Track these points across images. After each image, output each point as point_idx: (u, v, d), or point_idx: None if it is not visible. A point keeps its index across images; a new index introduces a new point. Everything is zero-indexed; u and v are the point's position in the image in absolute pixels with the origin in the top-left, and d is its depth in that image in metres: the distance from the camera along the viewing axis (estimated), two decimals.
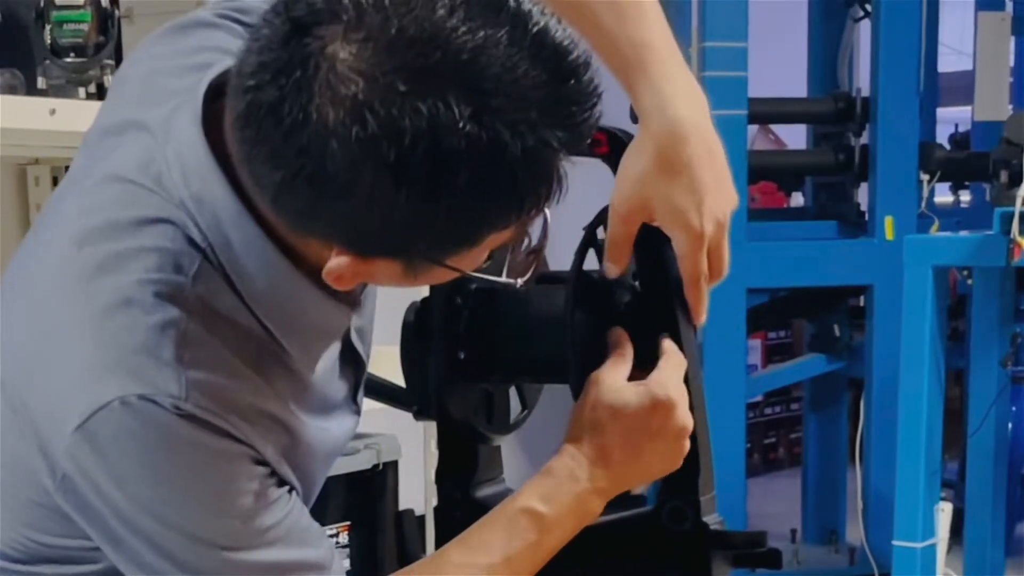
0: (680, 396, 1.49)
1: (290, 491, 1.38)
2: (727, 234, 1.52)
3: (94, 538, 1.36)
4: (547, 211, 1.32)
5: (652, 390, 1.48)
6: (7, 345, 1.36)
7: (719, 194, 1.49)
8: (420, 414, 1.68)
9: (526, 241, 1.40)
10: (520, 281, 1.39)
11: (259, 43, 1.20)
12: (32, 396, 1.32)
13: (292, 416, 1.39)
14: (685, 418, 1.49)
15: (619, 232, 1.51)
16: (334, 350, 1.48)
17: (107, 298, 1.28)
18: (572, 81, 1.21)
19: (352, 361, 1.54)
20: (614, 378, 1.50)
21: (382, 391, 1.75)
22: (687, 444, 1.50)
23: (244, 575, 1.33)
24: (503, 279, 1.38)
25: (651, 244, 1.53)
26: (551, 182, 1.24)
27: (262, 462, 1.33)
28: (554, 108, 1.20)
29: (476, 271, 1.33)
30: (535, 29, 1.20)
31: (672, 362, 1.51)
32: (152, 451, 1.27)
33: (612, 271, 1.53)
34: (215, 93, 1.33)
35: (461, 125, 1.15)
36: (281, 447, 1.37)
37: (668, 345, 1.52)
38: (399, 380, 1.70)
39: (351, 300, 1.43)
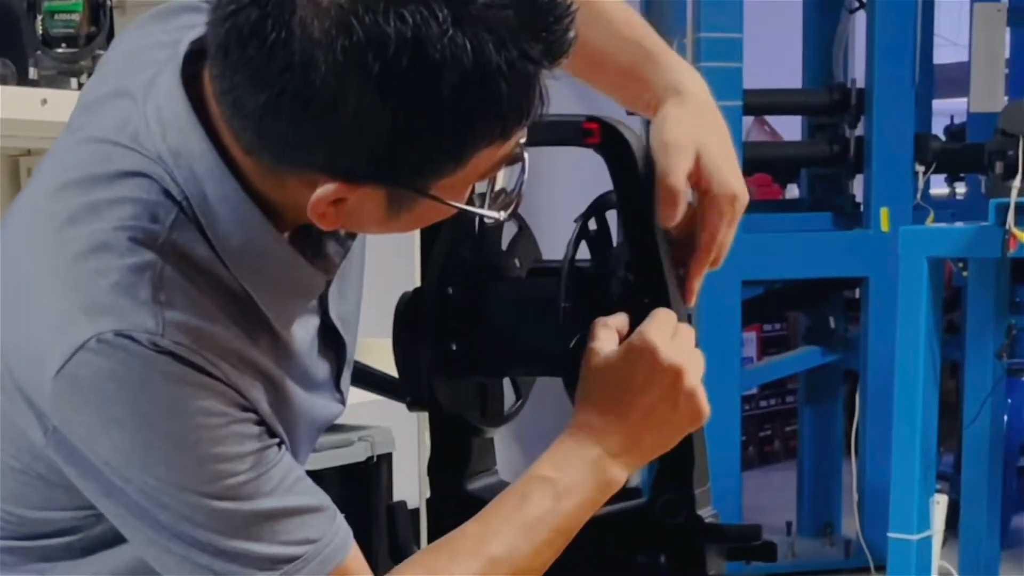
0: (663, 341, 1.47)
1: (280, 444, 1.37)
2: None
3: (87, 492, 1.34)
4: (526, 156, 1.34)
5: (630, 341, 1.49)
6: None
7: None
8: (413, 405, 1.67)
9: (508, 179, 1.39)
10: (503, 214, 1.38)
11: None
12: (11, 351, 1.32)
13: (277, 373, 1.38)
14: (674, 358, 1.47)
15: (676, 177, 1.52)
16: (311, 322, 1.47)
17: (80, 245, 1.28)
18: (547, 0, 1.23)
19: (334, 345, 1.52)
20: (599, 345, 1.50)
21: (376, 381, 1.74)
22: (689, 386, 1.48)
23: (240, 524, 1.31)
24: (485, 211, 1.37)
25: (641, 234, 1.52)
26: (532, 96, 1.25)
27: (249, 408, 1.33)
28: (531, 20, 1.21)
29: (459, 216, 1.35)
30: None
31: (657, 316, 1.50)
32: (132, 390, 1.26)
33: (670, 219, 1.52)
34: (197, 56, 1.33)
35: (445, 30, 1.17)
36: (268, 401, 1.36)
37: (657, 310, 1.51)
38: (392, 372, 1.69)
39: (325, 266, 1.43)
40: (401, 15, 1.16)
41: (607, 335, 1.50)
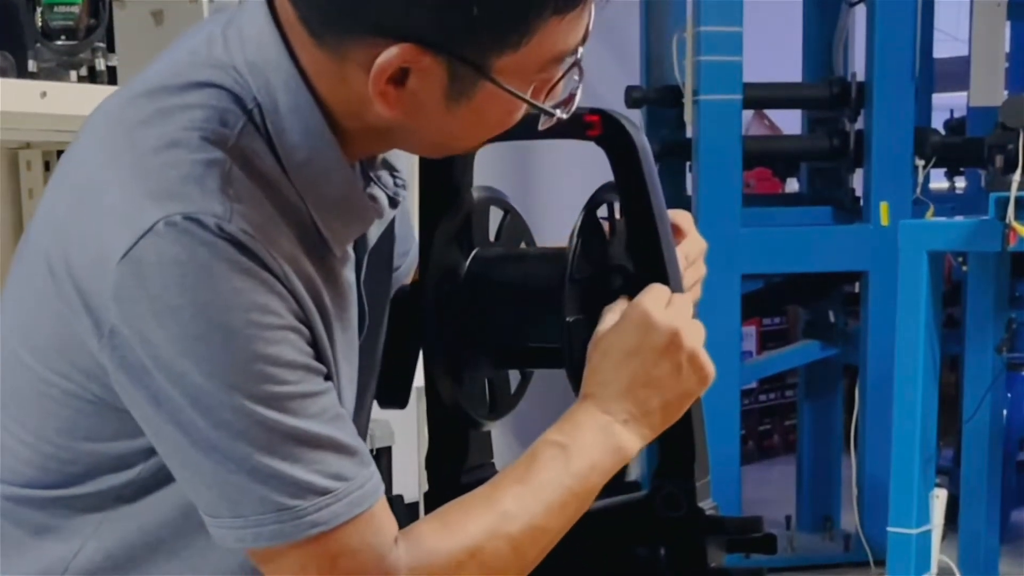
0: (656, 307, 1.50)
1: (327, 377, 1.37)
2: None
3: (134, 408, 1.34)
4: (581, 60, 1.36)
5: (626, 311, 1.51)
6: (49, 214, 1.37)
7: None
8: (385, 402, 1.67)
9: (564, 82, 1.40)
10: (560, 111, 1.40)
11: None
12: (75, 250, 1.32)
13: (328, 303, 1.39)
14: (669, 321, 1.50)
15: None
16: (351, 276, 1.47)
17: (151, 142, 1.30)
18: None
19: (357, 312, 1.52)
20: (602, 327, 1.53)
21: None
22: (688, 347, 1.51)
23: (279, 439, 1.31)
24: (544, 105, 1.38)
25: (642, 225, 1.53)
26: None
27: (304, 322, 1.33)
28: None
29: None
30: None
31: (651, 288, 1.53)
32: (194, 276, 1.26)
33: None
34: None
35: None
36: (321, 326, 1.36)
37: (651, 285, 1.53)
38: None
39: (378, 203, 1.46)
40: None
41: (612, 319, 1.52)
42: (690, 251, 1.62)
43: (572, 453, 1.48)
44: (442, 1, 1.25)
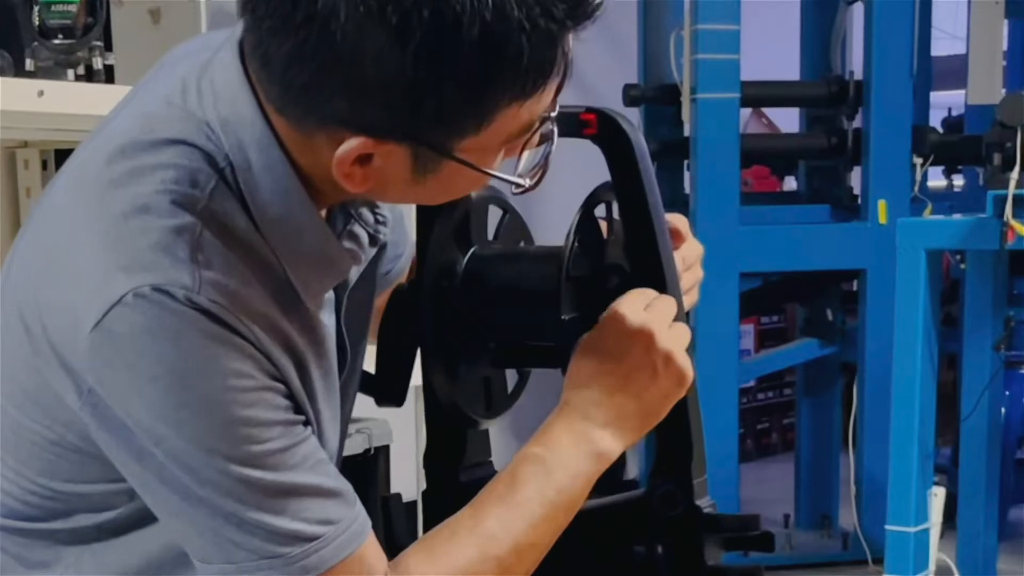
0: (632, 309, 1.49)
1: (306, 424, 1.38)
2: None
3: (117, 461, 1.36)
4: (555, 127, 1.35)
5: (603, 316, 1.51)
6: (23, 269, 1.37)
7: None
8: (383, 400, 1.67)
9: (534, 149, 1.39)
10: (528, 181, 1.39)
11: None
12: (49, 312, 1.33)
13: (306, 355, 1.39)
14: (642, 323, 1.49)
15: None
16: (331, 319, 1.48)
17: (121, 206, 1.30)
18: None
19: (339, 351, 1.53)
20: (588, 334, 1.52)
21: None
22: (663, 348, 1.49)
23: (264, 495, 1.32)
24: (510, 177, 1.38)
25: (639, 224, 1.52)
26: (554, 56, 1.26)
27: (279, 379, 1.34)
28: None
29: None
30: None
31: (630, 293, 1.52)
32: (167, 346, 1.27)
33: None
34: None
35: None
36: (297, 378, 1.37)
37: (632, 290, 1.52)
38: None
39: (352, 254, 1.45)
40: None
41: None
42: (687, 255, 1.62)
43: (552, 465, 1.48)
44: (396, 97, 1.23)
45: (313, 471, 1.36)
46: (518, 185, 1.39)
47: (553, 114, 1.35)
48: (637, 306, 1.50)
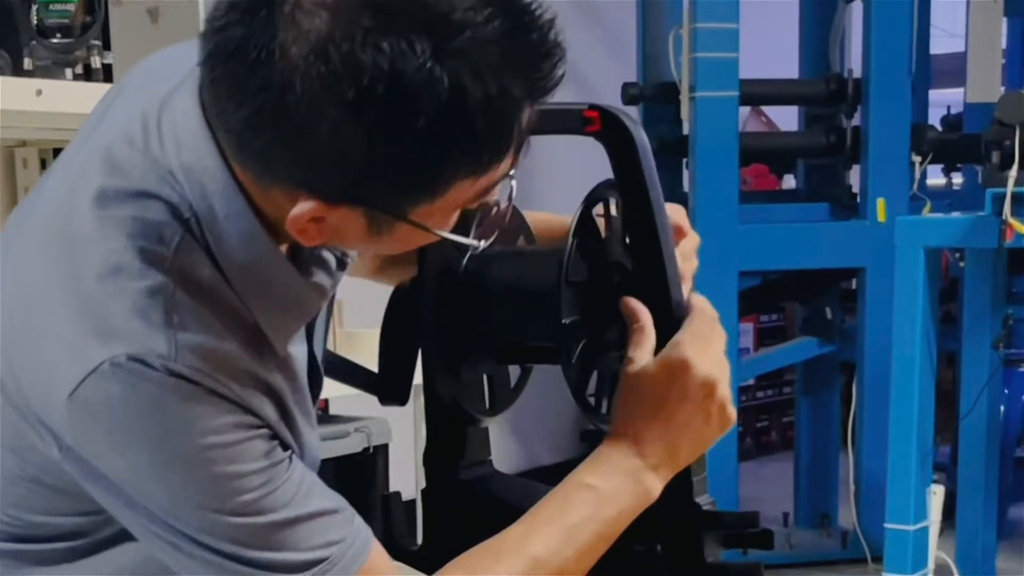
0: (697, 354, 1.49)
1: (292, 456, 1.38)
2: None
3: (107, 505, 1.36)
4: (513, 180, 1.32)
5: (667, 353, 1.50)
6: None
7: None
8: (387, 399, 1.67)
9: (492, 207, 1.38)
10: (483, 243, 1.38)
11: None
12: (23, 371, 1.32)
13: (283, 390, 1.39)
14: (709, 373, 1.49)
15: None
16: (302, 349, 1.48)
17: (95, 268, 1.29)
18: (536, 36, 1.22)
19: (312, 377, 1.53)
20: (637, 355, 1.52)
21: (349, 374, 1.74)
22: (721, 397, 1.51)
23: (262, 536, 1.33)
24: (465, 240, 1.37)
25: (642, 221, 1.52)
26: (511, 133, 1.24)
27: (261, 424, 1.33)
28: (517, 58, 1.21)
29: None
30: None
31: (693, 326, 1.52)
32: (145, 412, 1.27)
33: None
34: None
35: (422, 63, 1.16)
36: (278, 415, 1.37)
37: (697, 301, 1.53)
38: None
39: (319, 289, 1.44)
40: (378, 46, 1.15)
41: (644, 343, 1.52)
42: (685, 247, 1.62)
43: (604, 497, 1.50)
44: (350, 169, 1.22)
45: (307, 499, 1.37)
46: (472, 247, 1.38)
47: (512, 173, 1.33)
48: (700, 348, 1.50)
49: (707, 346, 1.51)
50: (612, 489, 1.50)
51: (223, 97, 1.23)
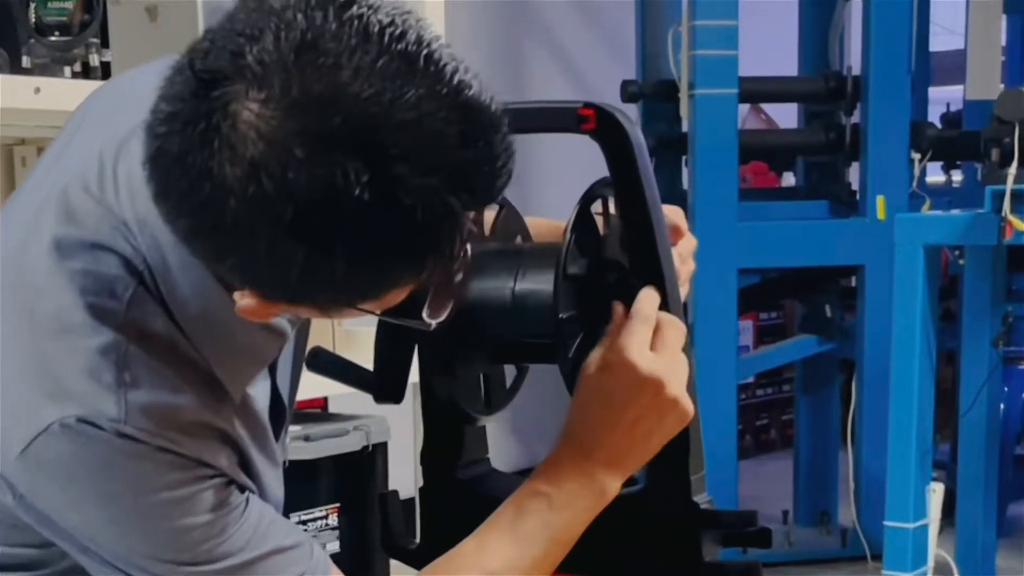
0: (640, 354, 1.46)
1: (248, 499, 1.38)
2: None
3: (63, 547, 1.36)
4: (468, 247, 1.28)
5: (607, 356, 1.48)
6: None
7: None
8: (381, 397, 1.66)
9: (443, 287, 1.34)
10: (434, 322, 1.34)
11: (172, 89, 1.17)
12: None
13: (241, 437, 1.39)
14: (654, 371, 1.46)
15: None
16: (264, 386, 1.48)
17: (48, 323, 1.30)
18: (482, 143, 1.18)
19: (276, 412, 1.53)
20: (594, 356, 1.49)
21: (343, 372, 1.73)
22: (671, 396, 1.47)
23: None
24: (416, 323, 1.34)
25: (638, 220, 1.52)
26: (454, 241, 1.21)
27: (214, 474, 1.33)
28: (461, 171, 1.17)
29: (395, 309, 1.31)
30: (448, 88, 1.16)
31: (633, 325, 1.48)
32: (96, 473, 1.28)
33: None
34: None
35: (358, 193, 1.12)
36: (235, 462, 1.38)
37: (638, 302, 1.50)
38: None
39: (279, 331, 1.43)
40: (312, 174, 1.12)
41: (598, 356, 1.50)
42: (682, 248, 1.61)
43: (556, 503, 1.48)
44: (289, 278, 1.18)
45: (265, 539, 1.37)
46: (424, 326, 1.34)
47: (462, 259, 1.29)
48: (645, 349, 1.47)
49: (655, 342, 1.48)
50: (565, 494, 1.48)
51: (167, 202, 1.21)
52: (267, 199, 1.13)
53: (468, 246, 1.25)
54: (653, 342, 1.47)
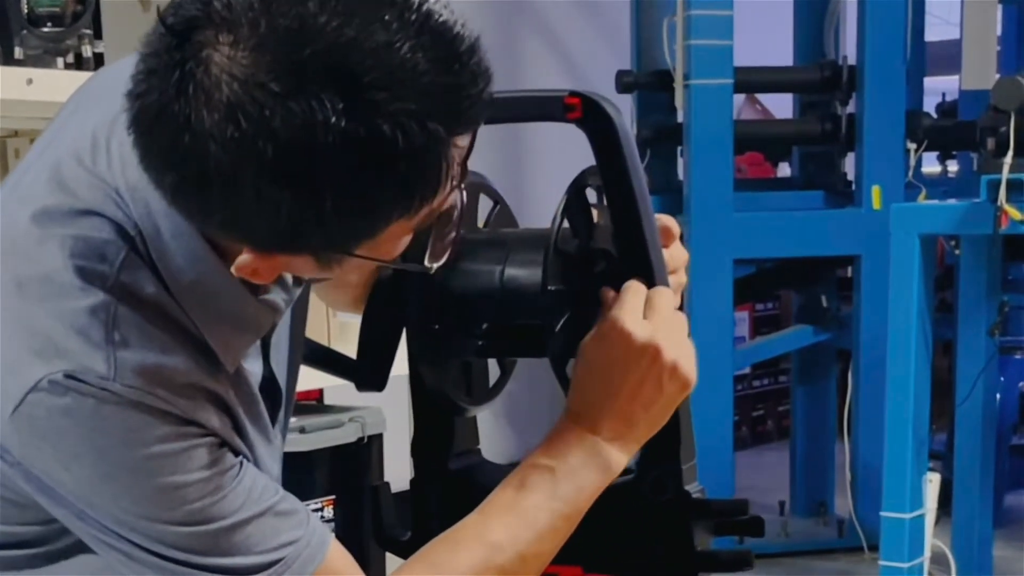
0: (634, 321, 1.46)
1: (242, 462, 1.37)
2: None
3: (59, 516, 1.36)
4: (463, 192, 1.30)
5: (602, 326, 1.48)
6: None
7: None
8: (364, 385, 1.66)
9: (445, 226, 1.35)
10: (435, 265, 1.36)
11: (147, 48, 1.19)
12: None
13: (234, 404, 1.38)
14: (649, 338, 1.46)
15: None
16: (257, 366, 1.47)
17: (36, 288, 1.30)
18: (457, 66, 1.19)
19: (271, 394, 1.52)
20: (588, 336, 1.49)
21: (326, 359, 1.73)
22: (669, 361, 1.47)
23: (212, 542, 1.32)
24: (419, 265, 1.36)
25: (624, 209, 1.51)
26: (440, 170, 1.21)
27: (205, 433, 1.33)
28: (438, 95, 1.17)
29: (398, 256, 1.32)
30: (416, 15, 1.17)
31: (626, 295, 1.48)
32: (87, 427, 1.27)
33: None
34: None
35: (335, 121, 1.13)
36: (228, 425, 1.36)
37: (626, 287, 1.50)
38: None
39: (272, 305, 1.43)
40: (288, 108, 1.13)
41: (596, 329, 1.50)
42: (674, 257, 1.59)
43: (560, 476, 1.47)
44: (281, 224, 1.19)
45: (260, 500, 1.36)
46: (424, 270, 1.37)
47: (457, 203, 1.31)
48: (638, 316, 1.47)
49: (647, 306, 1.48)
50: (568, 467, 1.47)
51: (152, 162, 1.21)
52: (246, 140, 1.14)
53: (460, 183, 1.26)
54: (645, 311, 1.48)
